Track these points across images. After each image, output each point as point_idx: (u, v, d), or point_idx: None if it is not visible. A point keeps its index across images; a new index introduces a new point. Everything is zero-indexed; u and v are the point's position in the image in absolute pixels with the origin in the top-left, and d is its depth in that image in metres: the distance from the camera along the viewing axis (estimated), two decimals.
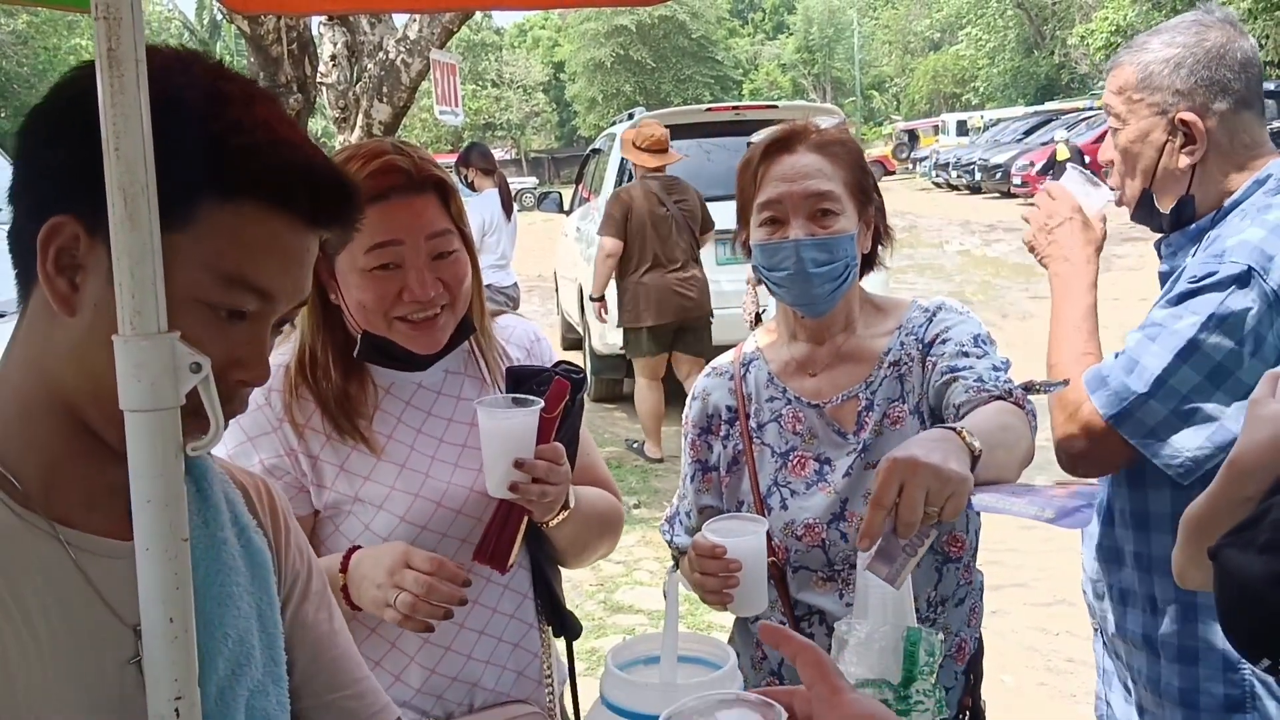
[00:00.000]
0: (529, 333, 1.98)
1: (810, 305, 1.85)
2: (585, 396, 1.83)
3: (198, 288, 0.96)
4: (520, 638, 1.83)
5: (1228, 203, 1.90)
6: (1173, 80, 1.88)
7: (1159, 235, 2.05)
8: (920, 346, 1.85)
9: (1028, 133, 29.29)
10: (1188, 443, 1.79)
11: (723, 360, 2.01)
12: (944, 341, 1.82)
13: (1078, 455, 1.89)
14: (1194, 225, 1.94)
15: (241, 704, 1.11)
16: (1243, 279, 1.75)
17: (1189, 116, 1.87)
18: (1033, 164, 23.30)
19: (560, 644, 1.96)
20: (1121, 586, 2.01)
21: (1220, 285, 1.76)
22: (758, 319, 6.52)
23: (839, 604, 1.78)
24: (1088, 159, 21.55)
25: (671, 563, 2.07)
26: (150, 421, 0.88)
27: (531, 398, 1.69)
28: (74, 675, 0.96)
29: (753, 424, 1.90)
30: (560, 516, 1.76)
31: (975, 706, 1.90)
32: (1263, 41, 25.27)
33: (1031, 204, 2.17)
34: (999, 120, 35.58)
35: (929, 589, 1.80)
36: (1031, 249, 2.11)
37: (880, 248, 1.94)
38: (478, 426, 1.71)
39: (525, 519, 1.73)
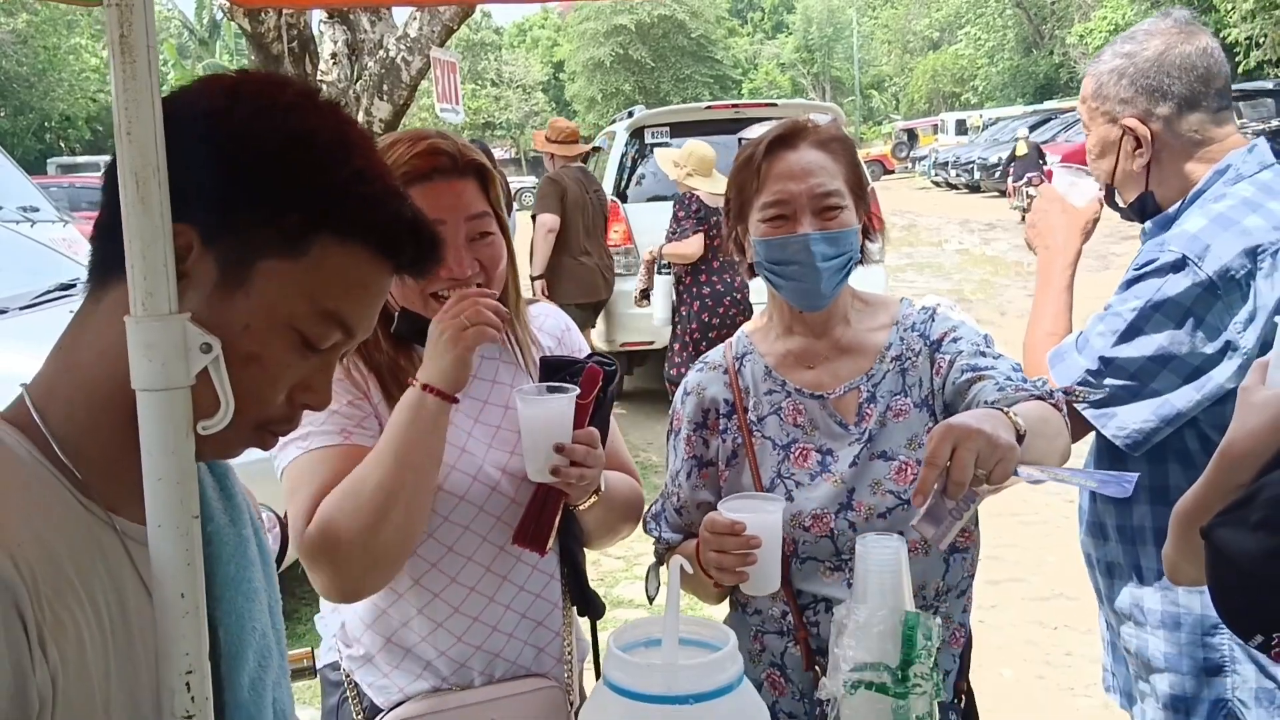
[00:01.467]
0: (560, 322, 2.04)
1: (815, 299, 1.87)
2: (615, 386, 1.89)
3: (295, 316, 1.01)
4: (544, 616, 1.88)
5: (1191, 193, 2.01)
6: (1118, 90, 2.04)
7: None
8: (925, 342, 1.89)
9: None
10: (1134, 416, 1.93)
11: (713, 354, 2.02)
12: (955, 340, 1.87)
13: None
14: (1163, 214, 2.06)
15: (269, 695, 1.15)
16: (1177, 266, 1.89)
17: (1131, 123, 2.03)
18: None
19: (584, 625, 2.01)
20: (1108, 560, 2.11)
21: (1158, 272, 1.91)
22: (644, 295, 7.09)
23: (846, 592, 1.79)
24: (1048, 154, 21.94)
25: (654, 560, 2.07)
26: (161, 400, 0.90)
27: (567, 385, 1.75)
28: (125, 666, 0.98)
29: (751, 417, 1.91)
30: (592, 500, 1.83)
31: (969, 690, 1.92)
32: (1260, 40, 25.29)
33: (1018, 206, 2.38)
34: (998, 119, 35.57)
35: (937, 579, 1.83)
36: (1030, 247, 2.30)
37: (869, 242, 1.96)
38: (512, 411, 1.79)
39: (561, 503, 1.79)
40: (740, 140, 1.98)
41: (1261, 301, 1.85)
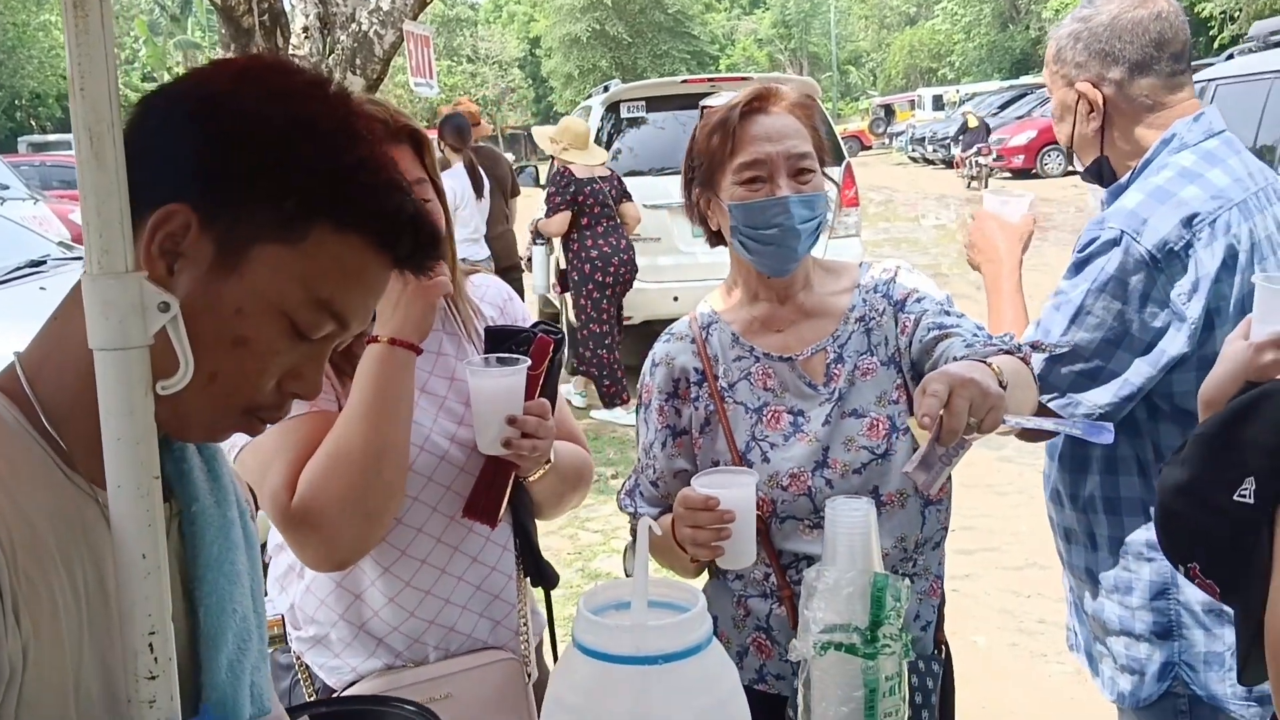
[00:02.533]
0: (501, 291, 2.02)
1: (788, 263, 1.88)
2: (563, 355, 1.88)
3: (287, 302, 1.01)
4: (500, 589, 1.87)
5: (1140, 161, 2.04)
6: (1074, 54, 2.07)
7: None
8: (889, 302, 1.92)
9: (1003, 106, 29.36)
10: (1098, 399, 1.94)
11: (678, 326, 2.03)
12: (919, 300, 1.90)
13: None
14: (1116, 184, 2.09)
15: (247, 678, 1.15)
16: (1117, 242, 1.91)
17: (1084, 87, 2.06)
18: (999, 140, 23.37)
19: (539, 597, 2.00)
20: (1065, 526, 2.16)
21: (1100, 251, 1.94)
22: (528, 263, 8.46)
23: None
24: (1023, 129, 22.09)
25: (632, 537, 2.08)
26: (119, 360, 0.89)
27: (517, 356, 1.74)
28: (100, 636, 0.97)
29: (722, 384, 1.92)
30: (542, 471, 1.82)
31: (946, 642, 1.95)
32: (1234, 14, 25.39)
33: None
34: (975, 94, 35.62)
35: (916, 532, 1.85)
36: (974, 267, 2.38)
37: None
38: (458, 382, 1.77)
39: (512, 475, 1.78)
40: (702, 108, 1.97)
41: (1203, 271, 1.88)
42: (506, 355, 1.75)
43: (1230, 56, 7.55)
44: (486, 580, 1.85)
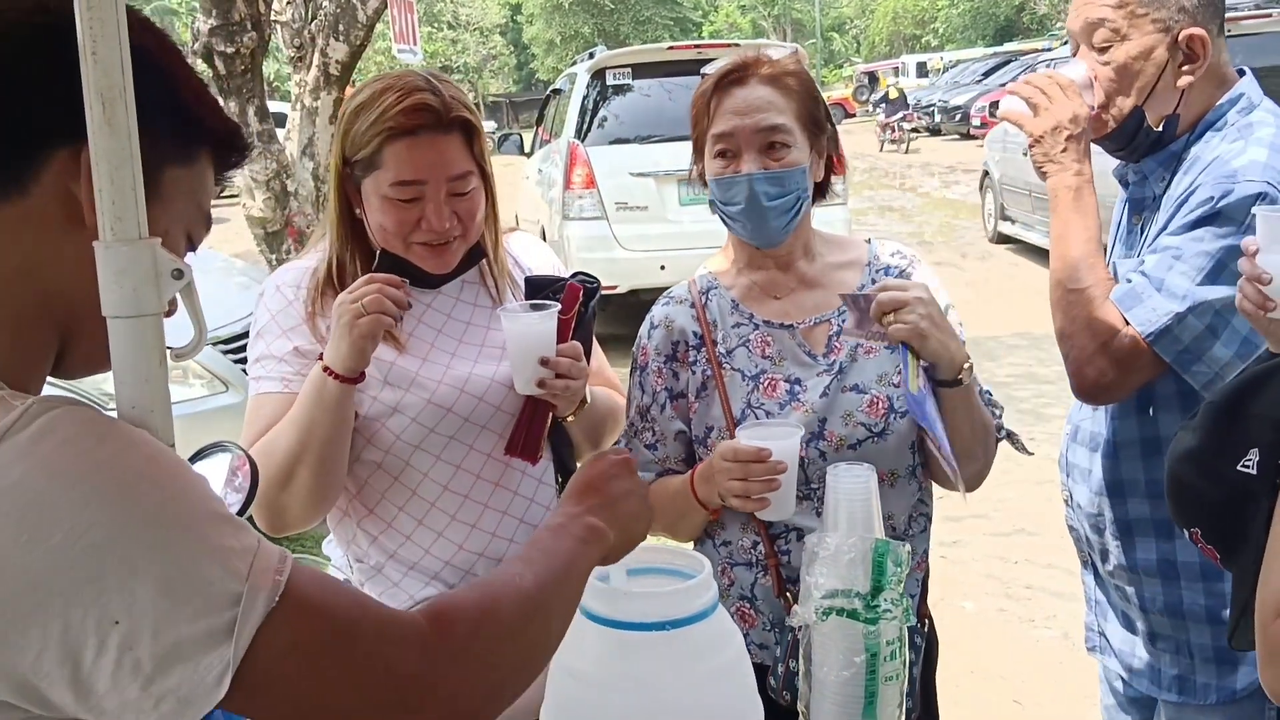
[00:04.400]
0: (539, 246, 2.15)
1: (765, 238, 1.88)
2: (596, 302, 1.95)
3: (189, 220, 1.04)
4: (539, 520, 1.96)
5: (1201, 123, 1.92)
6: None
7: (1119, 164, 2.07)
8: None
9: (987, 74, 29.28)
10: (1219, 356, 1.81)
11: (677, 290, 2.02)
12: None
13: (1105, 385, 1.89)
14: (1167, 150, 1.95)
15: None
16: (1262, 197, 1.77)
17: (1199, 32, 1.86)
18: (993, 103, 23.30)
19: None
20: (1128, 519, 2.00)
21: (1242, 205, 1.78)
22: None
23: (816, 521, 1.80)
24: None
25: None
26: (133, 328, 0.89)
27: (549, 302, 1.84)
28: None
29: (720, 350, 1.92)
30: (578, 411, 1.92)
31: (930, 615, 1.96)
32: None
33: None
34: (958, 62, 35.58)
35: (904, 512, 1.87)
36: (1035, 143, 1.97)
37: (833, 176, 1.98)
38: (497, 330, 1.89)
39: (549, 414, 1.89)
40: (702, 74, 1.96)
41: None
42: (539, 301, 1.85)
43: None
44: (528, 512, 1.95)
